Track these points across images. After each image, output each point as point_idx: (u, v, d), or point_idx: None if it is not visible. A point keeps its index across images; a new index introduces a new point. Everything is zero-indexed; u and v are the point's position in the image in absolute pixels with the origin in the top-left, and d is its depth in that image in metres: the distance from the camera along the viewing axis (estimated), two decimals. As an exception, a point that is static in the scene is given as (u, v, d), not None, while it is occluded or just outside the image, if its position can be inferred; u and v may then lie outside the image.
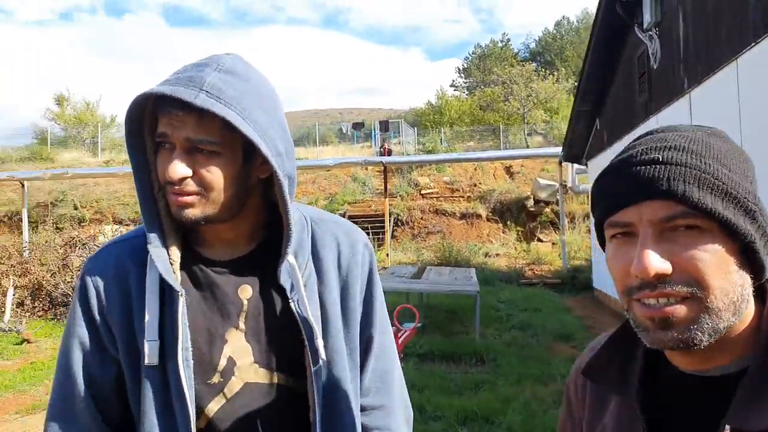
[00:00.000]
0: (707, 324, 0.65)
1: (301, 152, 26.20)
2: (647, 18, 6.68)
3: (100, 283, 0.99)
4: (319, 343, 0.98)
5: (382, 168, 16.47)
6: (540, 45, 45.91)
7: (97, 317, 0.99)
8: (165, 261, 0.97)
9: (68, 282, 8.96)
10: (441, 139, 26.34)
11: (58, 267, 9.36)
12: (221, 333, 0.99)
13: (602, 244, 0.75)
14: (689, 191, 0.64)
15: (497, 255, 15.43)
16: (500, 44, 44.76)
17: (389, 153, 21.62)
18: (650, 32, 6.77)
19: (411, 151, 24.99)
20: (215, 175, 0.94)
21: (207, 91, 0.89)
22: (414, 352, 6.36)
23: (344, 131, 30.22)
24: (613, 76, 8.86)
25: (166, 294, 0.97)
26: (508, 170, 19.41)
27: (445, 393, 4.94)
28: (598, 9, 8.06)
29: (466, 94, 39.82)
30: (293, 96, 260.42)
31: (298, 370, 1.00)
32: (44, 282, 9.21)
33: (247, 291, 1.01)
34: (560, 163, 13.72)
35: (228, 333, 0.99)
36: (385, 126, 27.50)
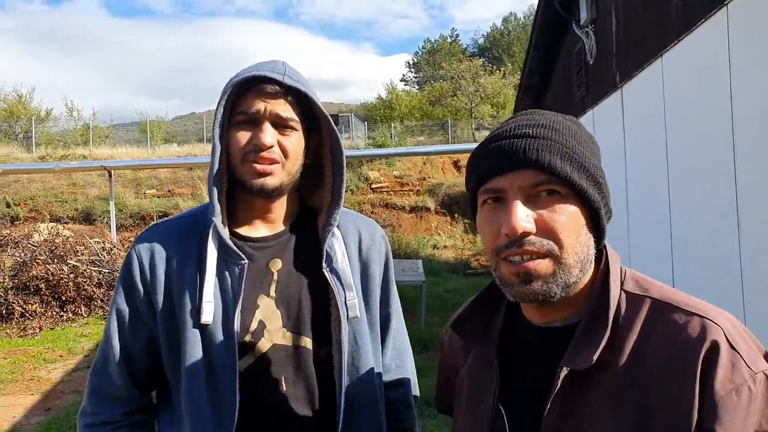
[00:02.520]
0: (561, 278, 0.74)
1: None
2: (584, 15, 6.92)
3: (146, 255, 1.10)
4: (354, 303, 1.11)
5: (332, 162, 16.45)
6: (488, 40, 46.70)
7: (139, 286, 1.10)
8: (227, 235, 1.10)
9: (0, 283, 8.54)
10: (391, 134, 26.46)
11: (-11, 267, 8.90)
12: (254, 299, 1.11)
13: (474, 212, 0.83)
14: (554, 161, 0.74)
15: (445, 247, 15.68)
16: (449, 39, 45.32)
17: (339, 147, 21.50)
18: (586, 29, 7.02)
19: (361, 145, 24.98)
20: (295, 146, 1.11)
21: (289, 76, 1.08)
22: (361, 343, 6.42)
23: (293, 125, 29.87)
24: (553, 72, 9.12)
25: (219, 262, 1.08)
26: (456, 164, 19.71)
27: (389, 381, 5.02)
28: (538, 6, 8.28)
29: (417, 89, 40.10)
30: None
31: (323, 336, 1.13)
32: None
33: (277, 264, 1.14)
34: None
35: (260, 299, 1.11)
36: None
